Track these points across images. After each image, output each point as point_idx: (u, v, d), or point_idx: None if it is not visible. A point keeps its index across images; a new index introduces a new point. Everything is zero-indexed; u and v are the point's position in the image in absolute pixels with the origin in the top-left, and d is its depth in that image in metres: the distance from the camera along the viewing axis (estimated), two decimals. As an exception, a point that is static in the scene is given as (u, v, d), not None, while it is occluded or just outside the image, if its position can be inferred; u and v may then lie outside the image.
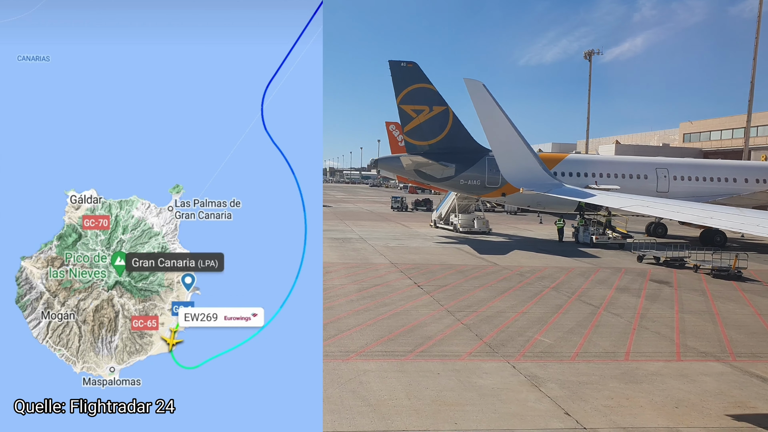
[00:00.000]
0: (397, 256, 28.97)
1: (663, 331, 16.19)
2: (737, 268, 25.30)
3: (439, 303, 18.71)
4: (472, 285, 22.08)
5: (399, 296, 19.62)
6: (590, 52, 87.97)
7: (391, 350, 13.64)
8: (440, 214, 44.47)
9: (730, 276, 25.06)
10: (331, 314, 16.86)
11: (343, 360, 12.81)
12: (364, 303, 18.44)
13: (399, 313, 17.21)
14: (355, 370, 12.15)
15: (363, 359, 12.92)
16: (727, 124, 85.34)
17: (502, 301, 19.29)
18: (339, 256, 28.79)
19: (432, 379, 11.73)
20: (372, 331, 15.21)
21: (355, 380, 11.54)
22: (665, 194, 39.65)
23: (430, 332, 15.23)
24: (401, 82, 38.68)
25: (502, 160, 31.86)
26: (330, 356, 13.02)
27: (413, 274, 23.95)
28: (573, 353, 13.87)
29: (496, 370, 12.44)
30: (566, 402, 10.73)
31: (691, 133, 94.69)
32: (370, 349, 13.62)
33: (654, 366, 13.01)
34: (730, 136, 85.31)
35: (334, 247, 32.01)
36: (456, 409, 10.26)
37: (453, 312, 17.55)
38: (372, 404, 10.36)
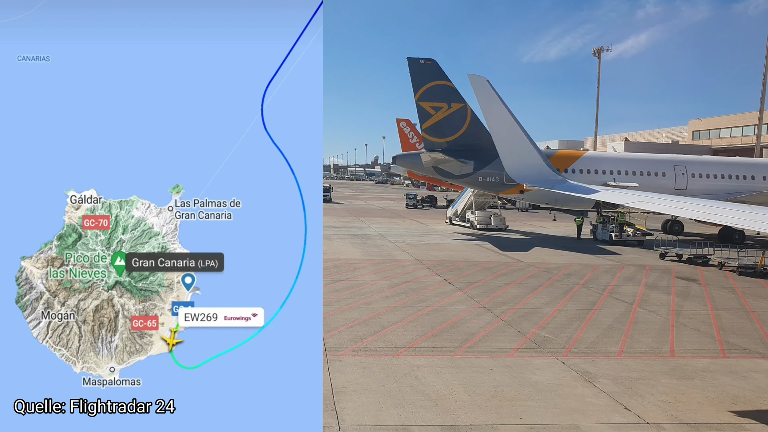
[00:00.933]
0: (421, 253, 29.08)
1: (702, 327, 16.28)
2: (763, 265, 25.35)
3: (474, 299, 18.81)
4: (501, 282, 22.18)
5: (432, 293, 19.73)
6: (599, 49, 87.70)
7: (439, 346, 13.77)
8: (456, 211, 44.54)
9: (756, 273, 25.10)
10: (370, 310, 17.04)
11: (394, 355, 12.96)
12: (400, 299, 18.57)
13: (437, 310, 17.33)
14: (407, 365, 12.28)
15: (413, 354, 13.06)
16: (738, 122, 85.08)
17: (535, 298, 19.39)
18: (362, 252, 28.92)
19: (486, 374, 11.85)
20: (414, 327, 15.34)
21: (410, 375, 11.67)
22: (683, 191, 39.65)
23: (472, 328, 15.34)
24: (420, 79, 38.72)
25: (505, 156, 31.91)
26: (380, 351, 13.21)
27: (441, 271, 24.06)
28: (618, 349, 13.98)
29: (546, 366, 12.56)
30: (623, 397, 10.84)
31: (701, 131, 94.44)
32: (417, 345, 13.75)
33: (702, 362, 13.11)
34: (740, 134, 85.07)
35: (355, 243, 32.14)
36: (517, 404, 10.38)
37: (490, 308, 17.66)
38: (433, 399, 10.48)
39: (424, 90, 38.91)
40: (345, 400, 10.32)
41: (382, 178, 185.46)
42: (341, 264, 25.05)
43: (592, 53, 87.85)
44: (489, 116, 32.13)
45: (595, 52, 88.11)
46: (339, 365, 12.15)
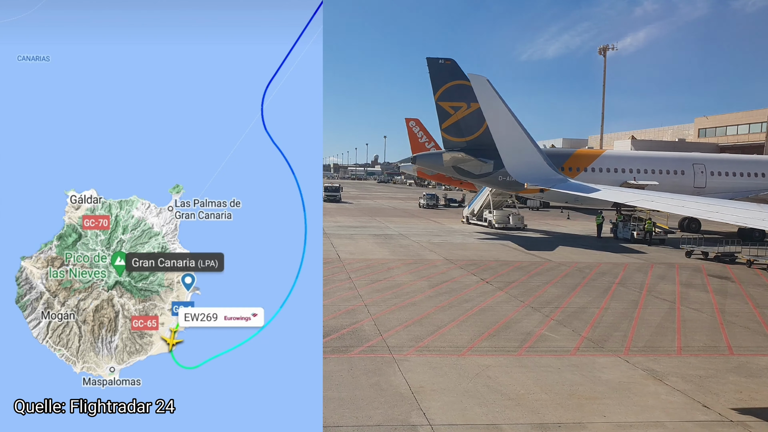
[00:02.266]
0: (448, 252, 29.19)
1: (751, 325, 16.41)
2: None
3: (518, 299, 18.93)
4: (538, 281, 22.31)
5: (474, 292, 19.84)
6: (605, 48, 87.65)
7: (500, 345, 13.88)
8: (473, 210, 44.65)
9: None
10: (419, 310, 17.17)
11: (459, 355, 13.05)
12: (444, 299, 18.72)
13: (484, 309, 17.46)
14: (476, 365, 12.39)
15: (478, 354, 13.18)
16: (745, 119, 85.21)
17: (578, 297, 19.54)
18: (390, 252, 29.05)
19: (556, 373, 11.96)
20: (469, 326, 15.47)
21: (482, 375, 11.78)
22: (702, 190, 39.80)
23: (526, 328, 15.47)
24: (439, 78, 38.86)
25: (506, 155, 32.00)
26: (444, 351, 13.33)
27: (474, 270, 24.19)
28: (676, 347, 14.11)
29: (612, 364, 12.68)
30: (698, 395, 10.95)
31: (707, 128, 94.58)
32: (478, 345, 13.88)
33: (764, 360, 13.23)
34: (747, 131, 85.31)
35: (380, 243, 32.26)
36: (596, 402, 10.49)
37: (537, 308, 17.79)
38: (513, 398, 10.59)
39: (444, 90, 39.05)
40: (427, 399, 10.43)
41: (383, 178, 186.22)
42: (374, 264, 25.16)
43: (598, 51, 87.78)
44: (489, 115, 32.24)
45: (600, 51, 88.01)
46: (408, 365, 12.26)
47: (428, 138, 72.52)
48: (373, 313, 16.71)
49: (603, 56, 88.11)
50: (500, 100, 31.86)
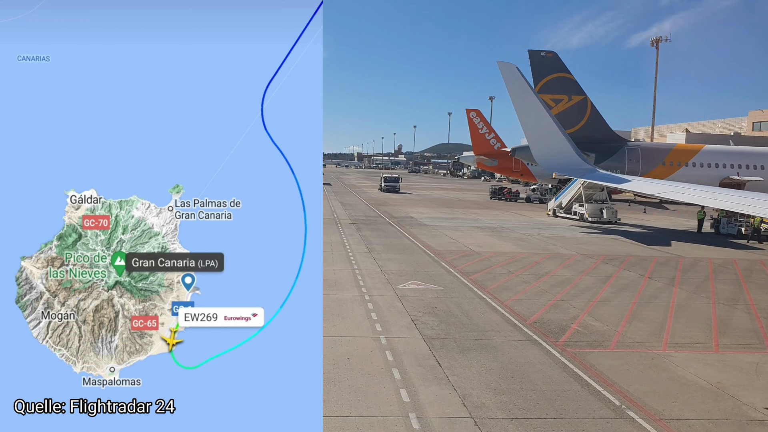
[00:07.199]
0: (573, 247, 28.65)
1: None
2: None
3: (700, 295, 19.01)
4: (699, 277, 22.14)
5: (649, 288, 19.88)
6: (657, 39, 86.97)
7: (744, 343, 14.16)
8: (560, 203, 44.40)
9: None
10: (619, 306, 17.31)
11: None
12: (630, 295, 18.79)
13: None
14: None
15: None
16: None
17: (756, 294, 19.65)
18: (517, 246, 28.45)
19: None
20: (688, 324, 15.65)
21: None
22: None
23: (744, 324, 15.76)
24: (540, 71, 38.90)
25: (534, 144, 31.99)
26: (695, 347, 13.58)
27: (621, 266, 23.93)
28: None
29: None
30: None
31: (762, 122, 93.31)
32: (724, 344, 14.12)
33: None
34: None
35: (495, 236, 31.55)
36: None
37: (729, 305, 17.84)
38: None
39: (545, 82, 39.09)
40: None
41: (413, 167, 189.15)
42: (517, 258, 24.79)
43: (650, 43, 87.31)
44: (518, 103, 32.25)
45: (652, 42, 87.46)
46: (675, 360, 12.55)
47: (488, 129, 72.30)
48: (579, 308, 16.96)
49: (656, 48, 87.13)
50: (529, 88, 31.92)
